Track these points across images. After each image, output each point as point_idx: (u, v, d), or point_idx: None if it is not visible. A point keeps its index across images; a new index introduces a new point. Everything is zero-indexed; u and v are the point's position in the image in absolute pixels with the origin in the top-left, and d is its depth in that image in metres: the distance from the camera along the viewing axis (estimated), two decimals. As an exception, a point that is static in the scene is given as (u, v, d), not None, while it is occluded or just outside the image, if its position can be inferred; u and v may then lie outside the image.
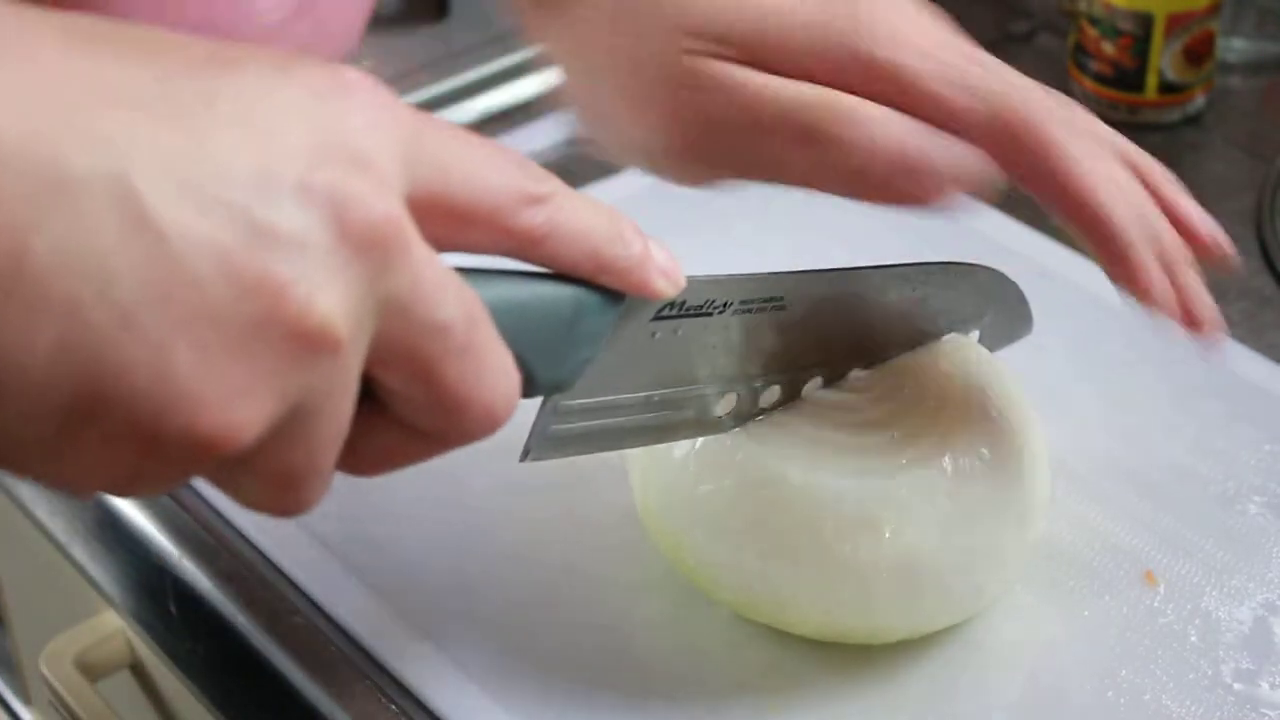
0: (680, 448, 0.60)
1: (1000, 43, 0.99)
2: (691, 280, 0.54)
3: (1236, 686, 0.60)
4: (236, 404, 0.39)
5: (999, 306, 0.65)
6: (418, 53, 0.96)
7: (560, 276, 0.50)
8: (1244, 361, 0.74)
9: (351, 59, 0.95)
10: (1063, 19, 0.97)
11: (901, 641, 0.61)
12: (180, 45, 0.41)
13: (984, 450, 0.59)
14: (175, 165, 0.38)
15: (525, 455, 0.55)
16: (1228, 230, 0.84)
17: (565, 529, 0.66)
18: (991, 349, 0.65)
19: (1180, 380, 0.73)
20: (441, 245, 0.44)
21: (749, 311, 0.58)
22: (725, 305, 0.57)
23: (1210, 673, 0.61)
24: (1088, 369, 0.73)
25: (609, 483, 0.66)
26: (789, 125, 0.55)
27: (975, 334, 0.65)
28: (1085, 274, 0.79)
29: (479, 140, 0.46)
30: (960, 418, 0.60)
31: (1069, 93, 0.92)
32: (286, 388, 0.40)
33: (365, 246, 0.40)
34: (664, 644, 0.62)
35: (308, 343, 0.40)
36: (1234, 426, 0.70)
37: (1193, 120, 0.92)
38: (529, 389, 0.52)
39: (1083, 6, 0.90)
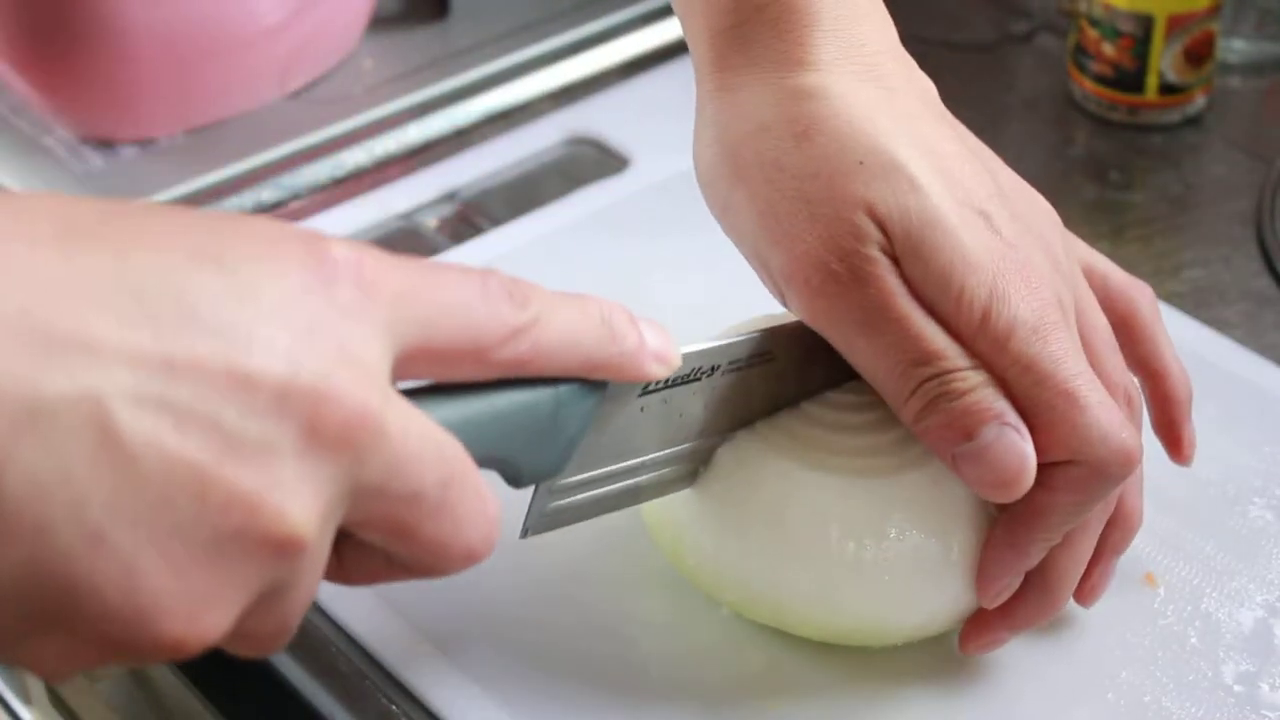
0: None
1: (1000, 43, 0.99)
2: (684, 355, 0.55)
3: (1237, 688, 0.60)
4: (205, 611, 0.40)
5: None
6: (418, 53, 0.96)
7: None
8: (1244, 363, 0.74)
9: (351, 59, 0.95)
10: (1063, 19, 0.97)
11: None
12: (161, 239, 0.41)
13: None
14: (149, 382, 0.39)
15: (524, 534, 0.56)
16: (1228, 232, 0.84)
17: (565, 529, 0.66)
18: None
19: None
20: (431, 378, 0.46)
21: (738, 370, 0.58)
22: (714, 369, 0.57)
23: (1210, 674, 0.61)
24: (1088, 370, 0.73)
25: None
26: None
27: None
28: (1085, 275, 0.79)
29: (459, 278, 0.46)
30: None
31: (1069, 93, 0.93)
32: (255, 586, 0.41)
33: (339, 445, 0.41)
34: (664, 644, 0.62)
35: (278, 548, 0.41)
36: (1234, 429, 0.70)
37: (1193, 121, 0.92)
38: (518, 482, 0.53)
39: (1083, 7, 0.90)
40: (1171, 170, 0.89)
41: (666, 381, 0.56)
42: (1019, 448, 0.54)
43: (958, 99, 0.94)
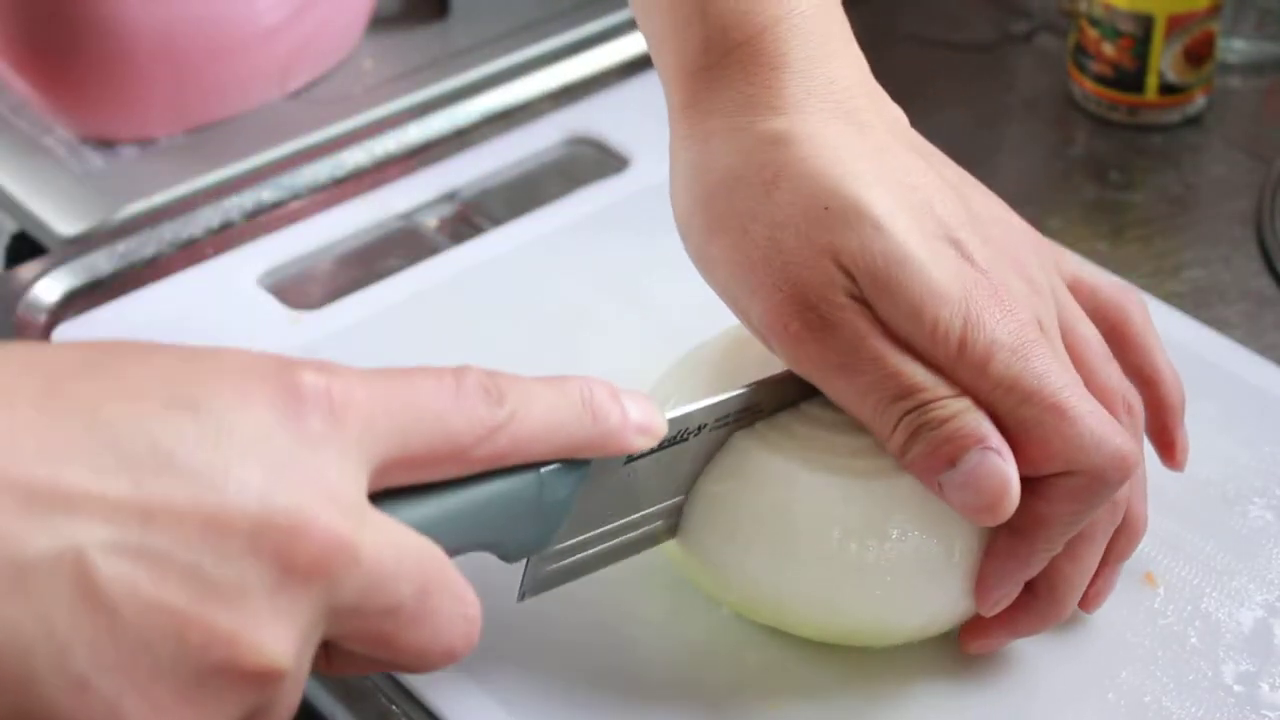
0: None
1: (1000, 43, 0.99)
2: (669, 420, 0.55)
3: (1237, 688, 0.60)
4: None
5: None
6: (418, 53, 0.96)
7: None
8: (1243, 363, 0.74)
9: (351, 59, 0.95)
10: (1063, 19, 0.97)
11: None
12: (137, 387, 0.42)
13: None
14: (126, 532, 0.40)
15: (521, 598, 0.56)
16: (1228, 232, 0.84)
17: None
18: None
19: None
20: (412, 482, 0.47)
21: (725, 425, 0.59)
22: (700, 428, 0.58)
23: (1211, 674, 0.61)
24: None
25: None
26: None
27: None
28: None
29: (432, 385, 0.47)
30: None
31: (1069, 93, 0.93)
32: (236, 714, 0.42)
33: (314, 575, 0.42)
34: (664, 644, 0.62)
35: (257, 679, 0.42)
36: (1233, 428, 0.70)
37: (1193, 121, 0.92)
38: (509, 559, 0.53)
39: (1083, 7, 0.90)
40: (1171, 170, 0.89)
41: (652, 448, 0.56)
42: (1001, 471, 0.55)
43: (958, 99, 0.95)
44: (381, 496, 0.46)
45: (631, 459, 0.55)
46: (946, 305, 0.55)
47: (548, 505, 0.52)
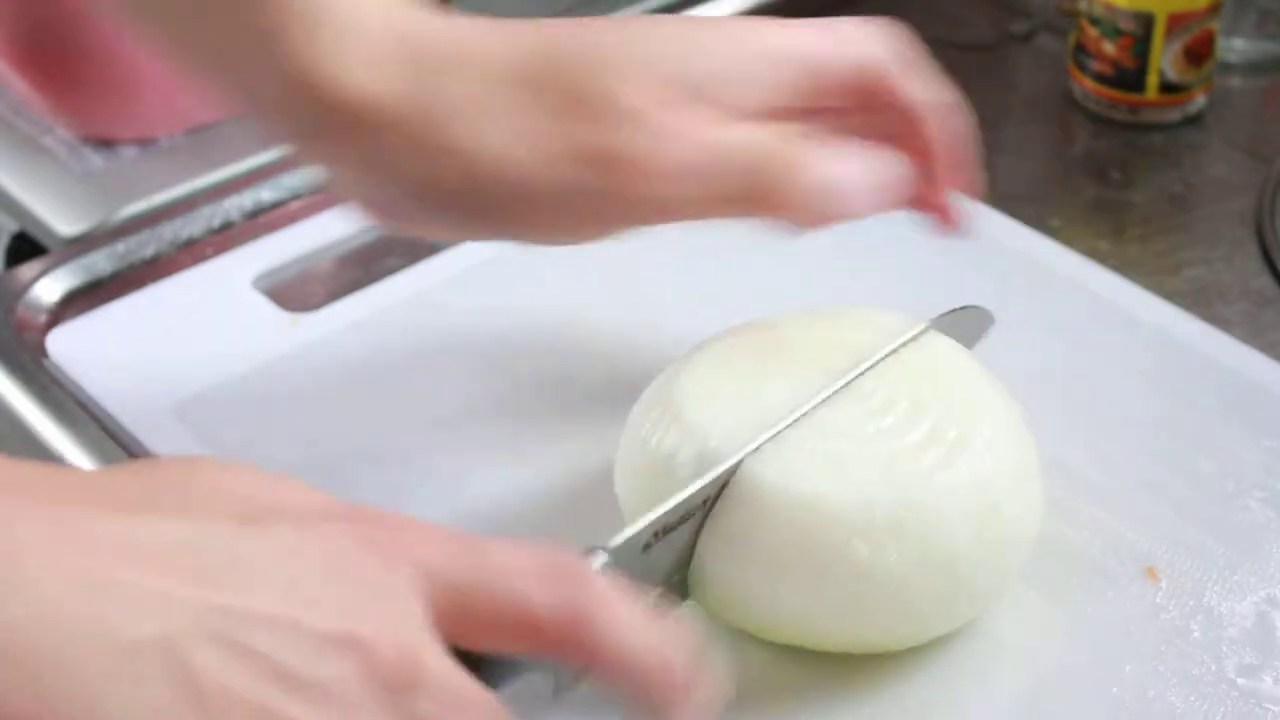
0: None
1: (1000, 43, 0.99)
2: (672, 508, 0.56)
3: (1240, 681, 0.60)
4: None
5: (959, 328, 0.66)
6: (418, 53, 0.96)
7: None
8: (1243, 359, 0.74)
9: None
10: (1063, 19, 0.97)
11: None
12: (208, 508, 0.45)
13: (992, 441, 0.59)
14: (221, 626, 0.42)
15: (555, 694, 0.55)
16: (1228, 231, 0.85)
17: (564, 533, 0.66)
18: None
19: (1180, 378, 0.73)
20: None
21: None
22: (704, 501, 0.58)
23: (1214, 668, 0.60)
24: (1087, 367, 0.73)
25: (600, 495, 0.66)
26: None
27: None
28: (1084, 273, 0.79)
29: (508, 554, 0.48)
30: (965, 415, 0.60)
31: (1069, 93, 0.93)
32: None
33: (390, 684, 0.44)
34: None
35: None
36: (1234, 423, 0.70)
37: (1193, 120, 0.92)
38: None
39: (1083, 6, 0.90)
40: (1171, 169, 0.89)
41: (664, 528, 0.56)
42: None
43: (958, 99, 0.95)
44: None
45: (648, 546, 0.56)
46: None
47: None
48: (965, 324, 0.66)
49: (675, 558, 0.58)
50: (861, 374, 0.61)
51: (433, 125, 0.60)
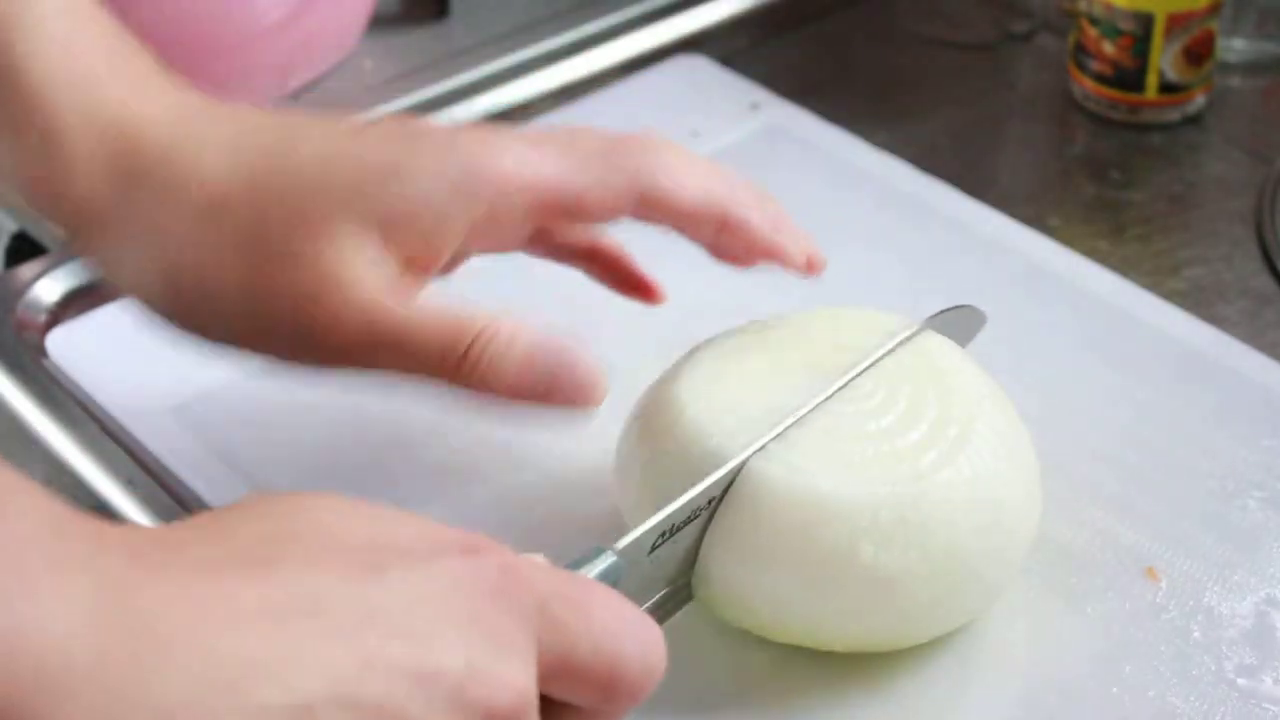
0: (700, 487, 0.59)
1: (1000, 43, 0.99)
2: (679, 508, 0.56)
3: (1240, 681, 0.60)
4: None
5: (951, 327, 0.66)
6: (418, 53, 0.96)
7: None
8: (1243, 358, 0.74)
9: (351, 59, 0.95)
10: (1063, 19, 0.97)
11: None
12: (333, 560, 0.44)
13: (991, 439, 0.60)
14: (347, 685, 0.42)
15: None
16: (1228, 230, 0.85)
17: (563, 535, 0.66)
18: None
19: (1180, 378, 0.73)
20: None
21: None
22: (709, 501, 0.58)
23: (1214, 668, 0.61)
24: (1087, 367, 0.73)
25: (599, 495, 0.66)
26: None
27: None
28: (1084, 273, 0.79)
29: (601, 595, 0.48)
30: (964, 414, 0.60)
31: (1069, 93, 0.93)
32: None
33: None
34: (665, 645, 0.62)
35: None
36: (1233, 423, 0.70)
37: (1193, 120, 0.92)
38: None
39: (1083, 6, 0.90)
40: (1171, 169, 0.89)
41: (672, 532, 0.57)
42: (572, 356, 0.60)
43: (958, 99, 0.95)
44: None
45: (654, 547, 0.56)
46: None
47: None
48: (958, 323, 0.66)
49: (680, 558, 0.58)
50: (860, 374, 0.61)
51: (126, 237, 0.60)
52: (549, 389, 0.59)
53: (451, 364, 0.59)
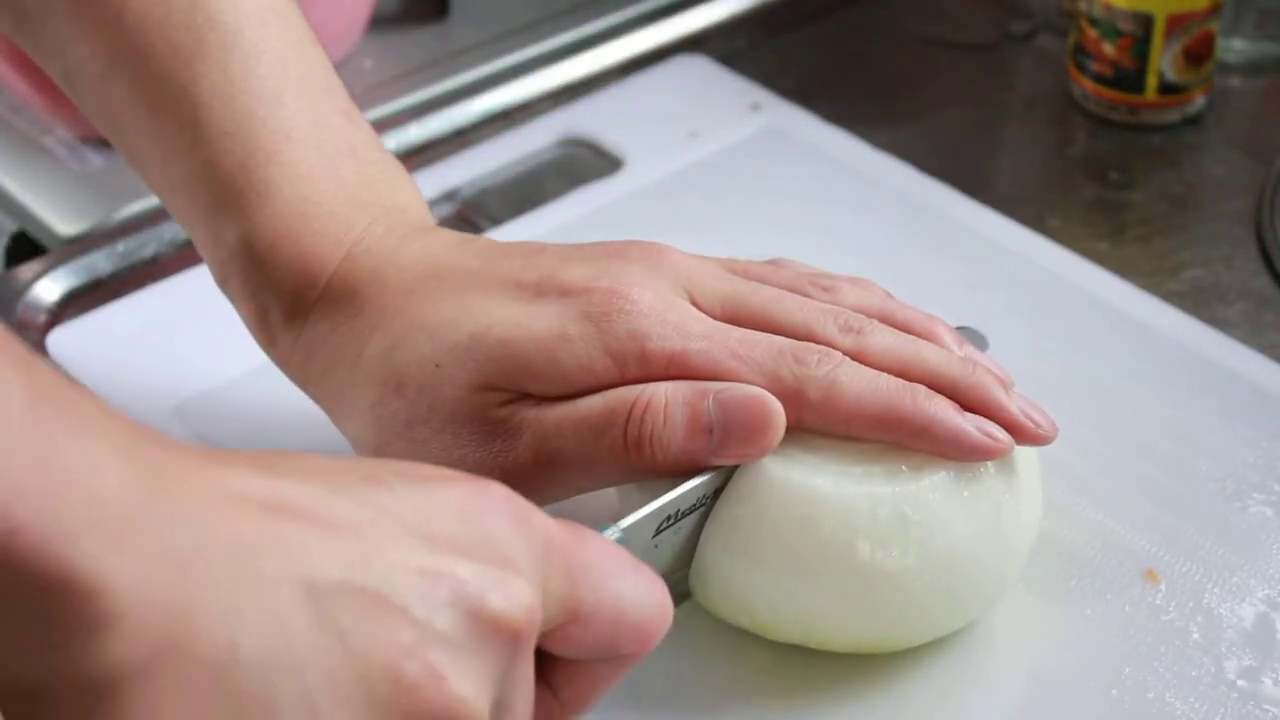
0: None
1: (1000, 43, 0.99)
2: (684, 493, 0.57)
3: (1240, 683, 0.60)
4: None
5: None
6: (418, 53, 0.96)
7: None
8: (1243, 360, 0.74)
9: (351, 59, 0.95)
10: (1063, 19, 0.97)
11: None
12: (347, 470, 0.46)
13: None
14: (352, 572, 0.43)
15: None
16: (1227, 231, 0.85)
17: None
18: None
19: (1179, 379, 0.73)
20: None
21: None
22: (715, 492, 0.58)
23: (1213, 670, 0.61)
24: (1086, 369, 0.73)
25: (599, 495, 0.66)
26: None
27: None
28: (1083, 275, 0.79)
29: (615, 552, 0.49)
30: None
31: (1069, 93, 0.93)
32: None
33: (509, 638, 0.45)
34: (664, 646, 0.62)
35: None
36: (1233, 425, 0.70)
37: (1193, 121, 0.92)
38: None
39: (1083, 7, 0.90)
40: (1171, 170, 0.89)
41: (675, 518, 0.57)
42: (743, 393, 0.57)
43: (958, 99, 0.95)
44: None
45: (659, 530, 0.57)
46: (567, 347, 0.58)
47: None
48: None
49: (679, 553, 0.58)
50: None
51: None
52: (722, 441, 0.57)
53: (619, 452, 0.58)
